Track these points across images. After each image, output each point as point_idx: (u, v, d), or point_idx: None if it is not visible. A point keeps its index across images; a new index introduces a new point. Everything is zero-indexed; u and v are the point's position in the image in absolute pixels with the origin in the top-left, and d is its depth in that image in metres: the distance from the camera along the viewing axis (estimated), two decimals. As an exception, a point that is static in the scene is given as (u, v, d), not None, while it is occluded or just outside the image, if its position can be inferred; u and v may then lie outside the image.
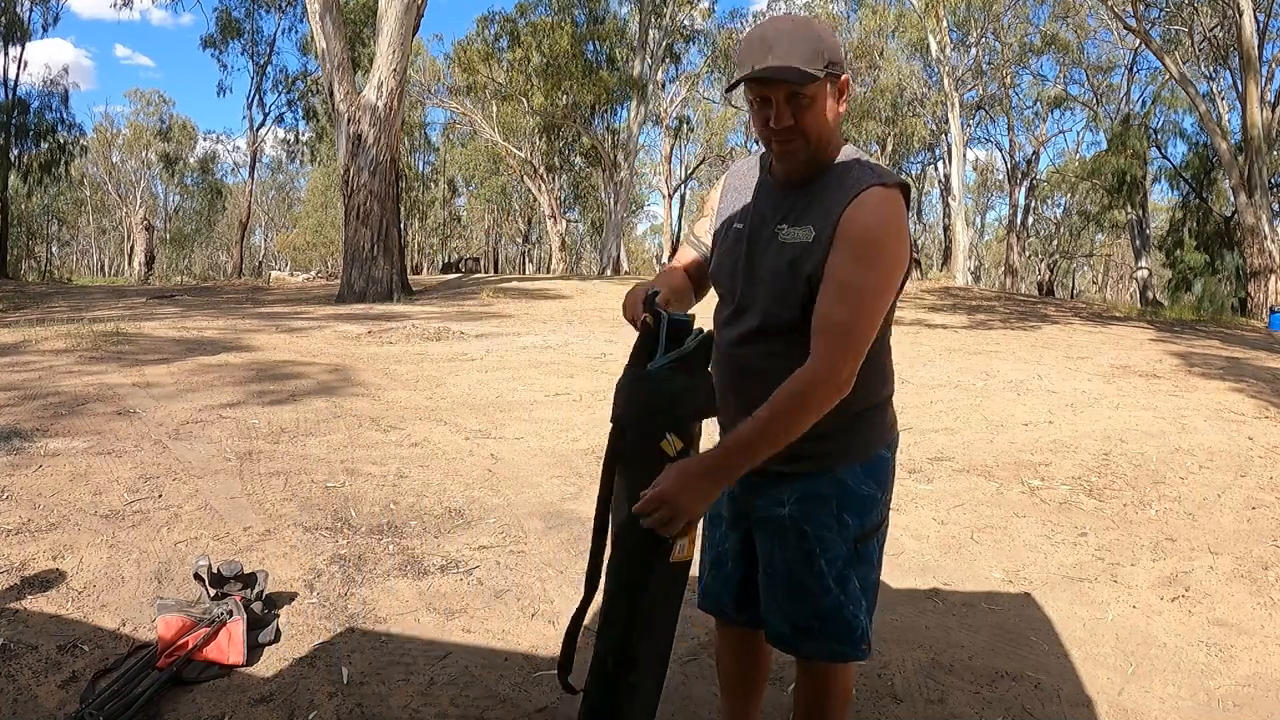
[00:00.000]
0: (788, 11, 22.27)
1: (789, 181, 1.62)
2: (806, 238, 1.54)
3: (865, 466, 1.63)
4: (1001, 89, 30.74)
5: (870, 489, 1.63)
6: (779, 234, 1.59)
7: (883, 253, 1.50)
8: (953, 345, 9.03)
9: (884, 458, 1.66)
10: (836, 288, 1.49)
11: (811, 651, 1.69)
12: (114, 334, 8.00)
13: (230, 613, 2.49)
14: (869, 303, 1.49)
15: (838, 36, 1.59)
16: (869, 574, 1.67)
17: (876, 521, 1.66)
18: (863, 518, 1.63)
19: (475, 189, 42.53)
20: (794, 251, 1.56)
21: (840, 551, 1.62)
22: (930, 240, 40.79)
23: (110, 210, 48.12)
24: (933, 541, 3.57)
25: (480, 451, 4.57)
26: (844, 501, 1.62)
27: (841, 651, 1.67)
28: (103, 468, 3.95)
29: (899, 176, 1.56)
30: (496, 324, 10.31)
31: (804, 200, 1.58)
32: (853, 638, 1.65)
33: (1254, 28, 17.51)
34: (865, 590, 1.66)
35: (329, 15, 13.70)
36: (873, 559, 1.67)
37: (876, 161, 1.60)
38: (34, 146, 27.84)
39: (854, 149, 1.61)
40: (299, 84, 31.57)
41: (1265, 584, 3.25)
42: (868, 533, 1.64)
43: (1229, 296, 22.24)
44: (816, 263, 1.52)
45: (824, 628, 1.64)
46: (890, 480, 1.69)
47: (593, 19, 25.86)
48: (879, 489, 1.65)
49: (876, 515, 1.65)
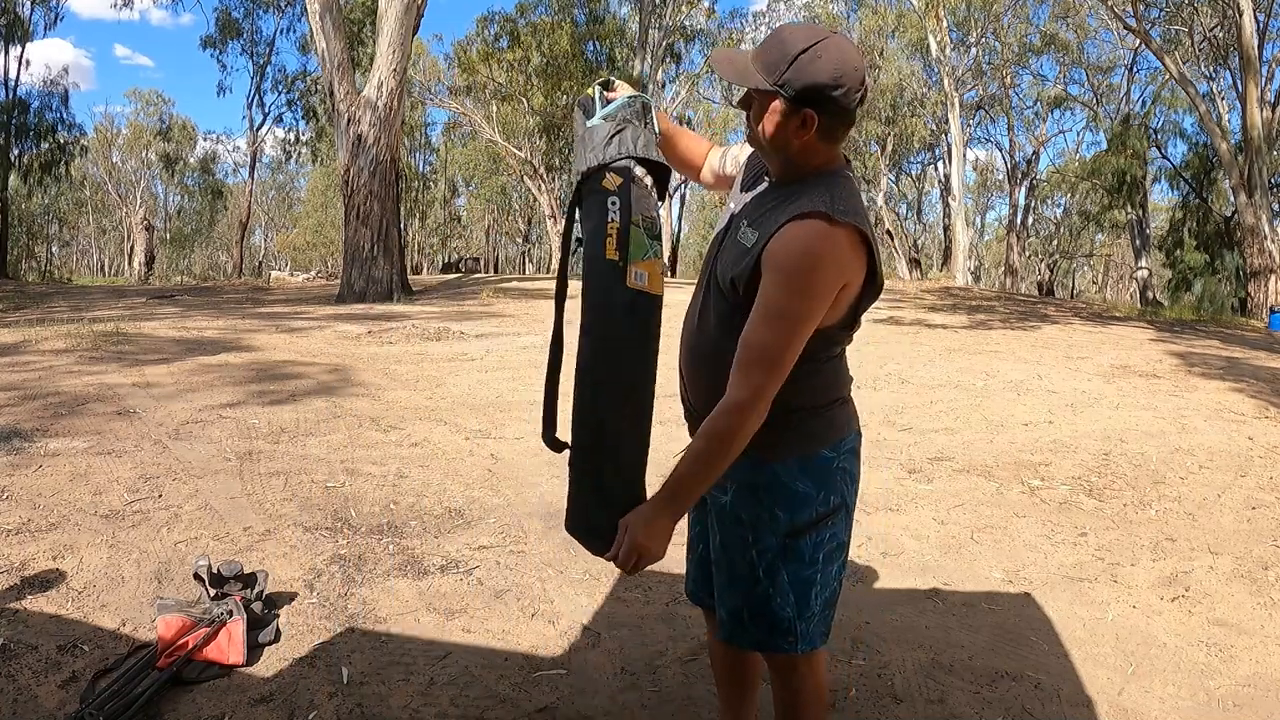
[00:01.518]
0: (790, 16, 22.15)
1: (774, 181, 1.64)
2: (748, 243, 1.57)
3: (801, 463, 1.63)
4: (1001, 89, 30.74)
5: (805, 486, 1.63)
6: (739, 230, 1.62)
7: (801, 280, 1.48)
8: (953, 345, 9.03)
9: (826, 458, 1.64)
10: (761, 310, 1.51)
11: (742, 640, 1.72)
12: (114, 334, 8.00)
13: (230, 613, 2.49)
14: (788, 329, 1.49)
15: (838, 69, 1.48)
16: (801, 570, 1.65)
17: (810, 519, 1.63)
18: (793, 513, 1.63)
19: (475, 189, 42.54)
20: (738, 252, 1.59)
21: (770, 544, 1.64)
22: (930, 240, 40.82)
23: (110, 210, 48.12)
24: (933, 541, 3.57)
25: (480, 451, 4.57)
26: (774, 495, 1.63)
27: (771, 643, 1.69)
28: (103, 468, 3.95)
29: (847, 219, 1.49)
30: (496, 324, 10.31)
31: (769, 205, 1.59)
32: (779, 629, 1.67)
33: (1254, 28, 17.51)
34: (796, 585, 1.65)
35: (329, 15, 13.70)
36: (805, 556, 1.64)
37: (849, 189, 1.56)
38: (34, 146, 27.83)
39: (841, 173, 1.59)
40: (299, 84, 31.59)
41: (1265, 584, 3.25)
42: (800, 529, 1.63)
43: (1229, 296, 22.24)
44: (742, 271, 1.55)
45: (753, 617, 1.68)
46: (836, 481, 1.65)
47: (593, 19, 25.87)
48: (816, 488, 1.63)
49: (809, 513, 1.63)
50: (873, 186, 32.04)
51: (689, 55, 28.71)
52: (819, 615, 1.68)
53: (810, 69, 1.48)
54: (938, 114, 29.55)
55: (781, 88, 1.50)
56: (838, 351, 1.68)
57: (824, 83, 1.48)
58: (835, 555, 1.69)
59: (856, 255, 1.51)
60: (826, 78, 1.48)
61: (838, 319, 1.57)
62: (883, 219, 30.06)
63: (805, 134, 1.52)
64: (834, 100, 1.49)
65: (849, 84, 1.49)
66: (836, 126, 1.54)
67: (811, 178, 1.57)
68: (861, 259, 1.52)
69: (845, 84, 1.49)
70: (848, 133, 1.59)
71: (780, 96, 1.50)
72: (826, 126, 1.52)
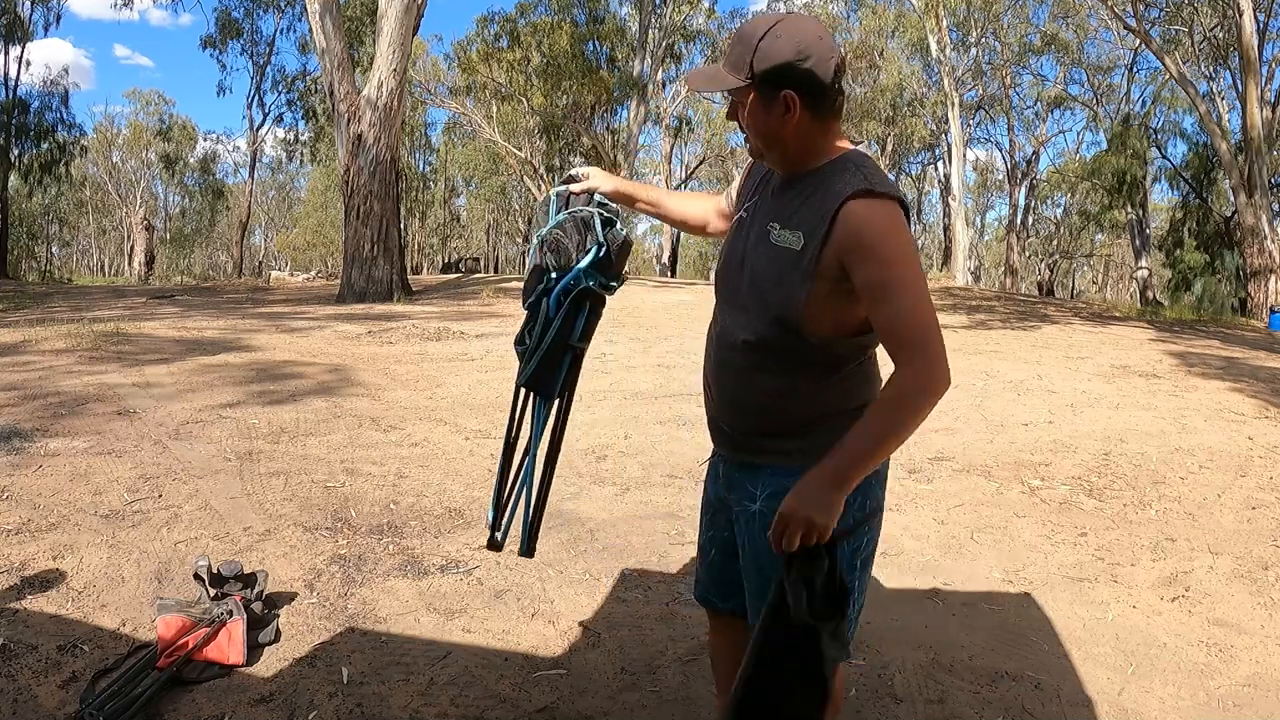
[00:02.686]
0: (776, 10, 22.02)
1: (783, 178, 1.62)
2: (796, 244, 1.53)
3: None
4: (1001, 89, 30.72)
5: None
6: (770, 233, 1.58)
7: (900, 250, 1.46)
8: (953, 345, 8.97)
9: None
10: (880, 294, 1.46)
11: None
12: (114, 334, 7.99)
13: (230, 613, 2.49)
14: (917, 293, 1.46)
15: (799, 42, 1.48)
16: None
17: (846, 526, 1.59)
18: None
19: (475, 189, 42.52)
20: (783, 257, 1.55)
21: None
22: (930, 240, 40.78)
23: (110, 210, 48.08)
24: (933, 541, 3.57)
25: (480, 451, 4.57)
26: None
27: None
28: (103, 468, 3.95)
29: (890, 186, 1.50)
30: (496, 324, 10.31)
31: (796, 201, 1.57)
32: None
33: (1254, 28, 17.49)
34: None
35: (329, 15, 13.70)
36: (842, 563, 1.60)
37: (875, 165, 1.55)
38: (34, 146, 27.79)
39: (857, 153, 1.57)
40: (298, 84, 31.54)
41: (1265, 584, 3.25)
42: (835, 536, 1.59)
43: (1229, 296, 22.22)
44: (805, 273, 1.51)
45: None
46: (871, 486, 1.62)
47: (593, 19, 25.84)
48: (852, 494, 1.58)
49: (846, 520, 1.58)
50: (873, 186, 31.97)
51: (689, 55, 28.71)
52: (853, 623, 1.65)
53: (774, 50, 1.47)
54: (938, 114, 29.54)
55: (753, 78, 1.49)
56: (869, 354, 1.65)
57: (789, 59, 1.47)
58: (869, 563, 1.67)
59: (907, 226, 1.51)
60: (791, 53, 1.47)
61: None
62: (883, 219, 30.02)
63: (792, 117, 1.50)
64: (808, 74, 1.48)
65: (816, 53, 1.48)
66: (820, 103, 1.51)
67: (828, 165, 1.55)
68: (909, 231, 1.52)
69: (812, 53, 1.47)
70: (839, 110, 1.56)
71: (755, 88, 1.50)
72: (810, 105, 1.50)
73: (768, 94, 1.50)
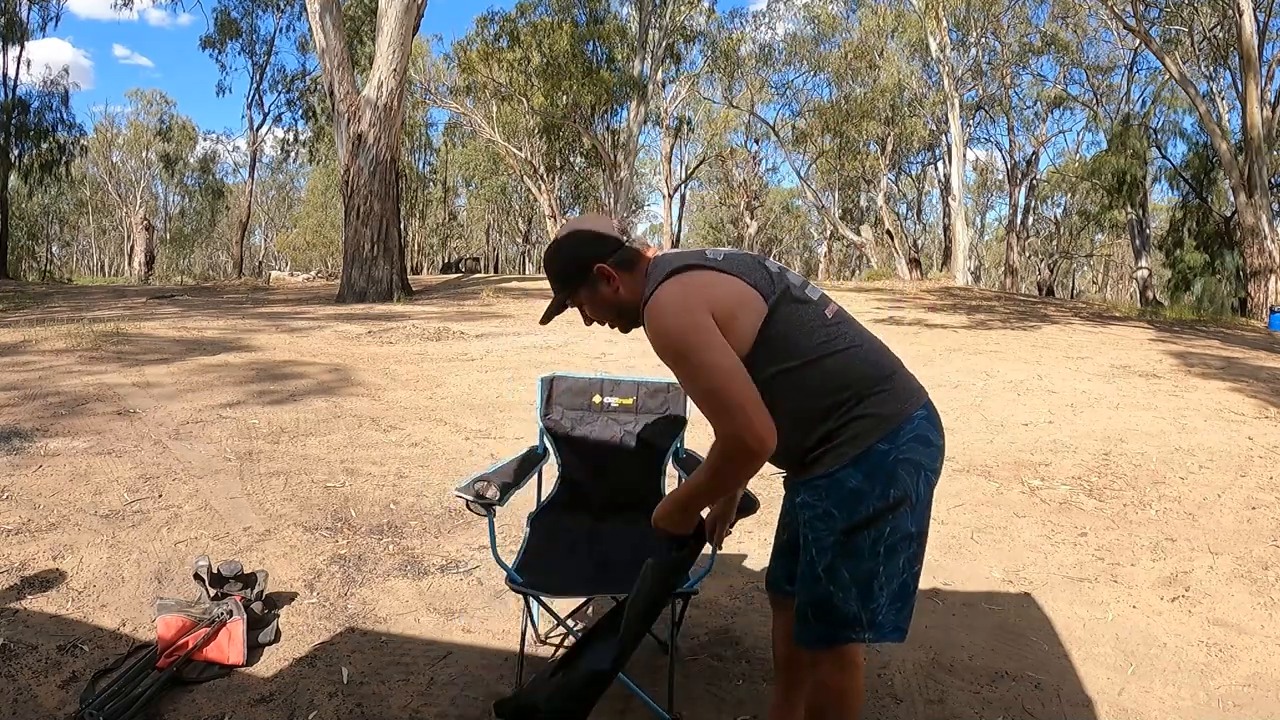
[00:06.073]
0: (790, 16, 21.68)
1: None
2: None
3: (856, 461, 1.69)
4: (1001, 89, 30.70)
5: (860, 483, 1.68)
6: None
7: (675, 341, 1.63)
8: (953, 345, 9.03)
9: (881, 451, 1.69)
10: (686, 384, 1.68)
11: (803, 637, 1.77)
12: (114, 334, 8.00)
13: (230, 613, 2.49)
14: (707, 377, 1.61)
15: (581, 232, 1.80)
16: (861, 565, 1.69)
17: (867, 515, 1.67)
18: (850, 511, 1.68)
19: (475, 189, 42.50)
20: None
21: (827, 543, 1.70)
22: (930, 240, 40.79)
23: (110, 210, 48.06)
24: (933, 541, 3.54)
25: (480, 451, 4.58)
26: (833, 497, 1.70)
27: (828, 634, 1.74)
28: (103, 468, 3.95)
29: (663, 272, 1.69)
30: (496, 324, 10.31)
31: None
32: (845, 622, 1.71)
33: (1254, 28, 17.48)
34: (857, 580, 1.69)
35: (329, 14, 13.70)
36: (864, 552, 1.68)
37: (663, 259, 1.75)
38: (34, 146, 27.76)
39: (651, 262, 1.76)
40: (298, 84, 31.52)
41: (1265, 584, 3.25)
42: (857, 525, 1.68)
43: (1229, 296, 22.20)
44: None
45: (816, 615, 1.74)
46: (898, 474, 1.69)
47: (593, 19, 25.81)
48: (872, 484, 1.68)
49: (866, 509, 1.67)
50: (872, 186, 32.04)
51: (689, 55, 28.69)
52: (887, 606, 1.71)
53: (575, 250, 1.78)
54: (937, 114, 29.51)
55: (574, 279, 1.77)
56: (835, 347, 1.74)
57: (584, 248, 1.77)
58: (901, 547, 1.71)
59: (696, 286, 1.66)
60: (583, 242, 1.78)
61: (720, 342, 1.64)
62: (883, 219, 30.03)
63: (615, 282, 1.76)
64: (600, 245, 1.76)
65: (596, 228, 1.79)
66: (622, 255, 1.76)
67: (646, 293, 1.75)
68: (705, 282, 1.67)
69: (593, 229, 1.79)
70: (634, 250, 1.77)
71: (582, 284, 1.77)
72: (618, 262, 1.76)
73: (590, 281, 1.77)
